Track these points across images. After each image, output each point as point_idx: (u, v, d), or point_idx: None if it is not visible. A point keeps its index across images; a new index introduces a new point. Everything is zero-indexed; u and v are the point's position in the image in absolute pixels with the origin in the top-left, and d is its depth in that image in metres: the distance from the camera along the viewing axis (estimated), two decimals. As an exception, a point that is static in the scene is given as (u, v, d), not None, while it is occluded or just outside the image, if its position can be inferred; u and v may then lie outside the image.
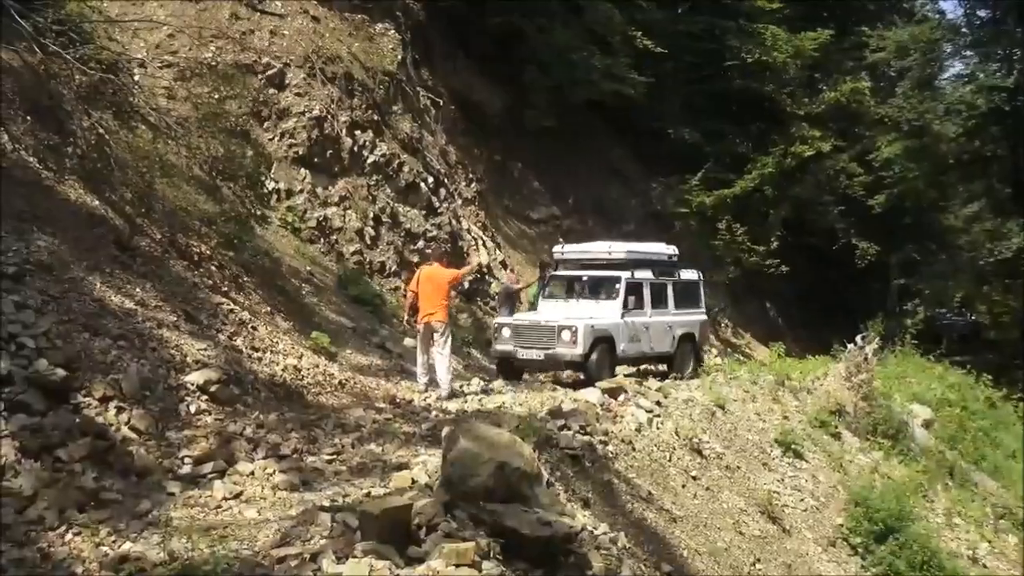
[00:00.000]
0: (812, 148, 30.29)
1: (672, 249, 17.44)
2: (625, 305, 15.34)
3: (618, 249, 16.40)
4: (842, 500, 13.71)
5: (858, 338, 18.09)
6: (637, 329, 15.52)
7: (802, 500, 13.13)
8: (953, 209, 39.71)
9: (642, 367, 16.51)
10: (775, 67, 30.67)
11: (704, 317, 17.89)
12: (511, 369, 15.33)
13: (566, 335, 14.38)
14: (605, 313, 15.23)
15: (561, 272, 16.77)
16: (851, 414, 16.62)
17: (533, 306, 17.05)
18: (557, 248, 17.36)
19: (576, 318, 14.75)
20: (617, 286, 15.56)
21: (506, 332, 15.11)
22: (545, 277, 17.16)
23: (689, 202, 28.53)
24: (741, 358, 24.37)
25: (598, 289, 15.97)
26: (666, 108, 29.63)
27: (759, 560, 10.99)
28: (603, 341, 14.69)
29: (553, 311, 15.62)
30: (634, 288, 15.66)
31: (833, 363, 18.52)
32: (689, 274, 17.44)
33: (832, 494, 13.82)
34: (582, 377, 14.67)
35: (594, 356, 14.43)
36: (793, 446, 14.13)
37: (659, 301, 16.24)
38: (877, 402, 17.20)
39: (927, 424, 18.54)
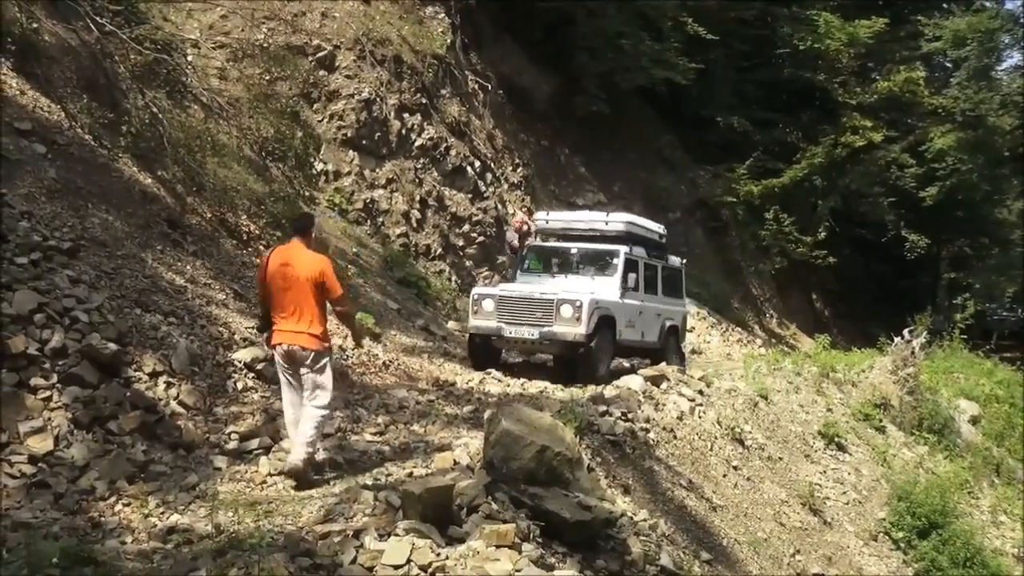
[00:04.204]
0: (863, 138, 29.85)
1: (662, 227, 15.57)
2: (624, 283, 13.43)
3: (616, 220, 14.29)
4: (885, 494, 13.59)
5: (905, 331, 17.89)
6: (632, 313, 13.59)
7: (844, 493, 13.03)
8: (1007, 203, 38.98)
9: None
10: (827, 55, 30.24)
11: (686, 310, 16.28)
12: (489, 351, 13.18)
13: (567, 310, 12.31)
14: (602, 290, 13.21)
15: (545, 243, 14.90)
16: (896, 408, 16.45)
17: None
18: (540, 215, 15.41)
19: (576, 291, 12.79)
20: (615, 261, 13.64)
21: (488, 304, 12.81)
22: (524, 247, 14.98)
23: (736, 191, 28.30)
24: (785, 349, 24.17)
25: (590, 264, 13.95)
26: (715, 95, 29.38)
27: (799, 551, 10.93)
28: (605, 322, 12.74)
29: (541, 285, 13.54)
30: (631, 266, 13.77)
31: (879, 356, 18.32)
32: (674, 260, 15.67)
33: (875, 488, 13.70)
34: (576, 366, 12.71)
35: (596, 339, 12.49)
36: (836, 438, 14.03)
37: (650, 285, 14.42)
38: (923, 396, 17.02)
39: (974, 420, 18.31)
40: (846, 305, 34.77)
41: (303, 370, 7.55)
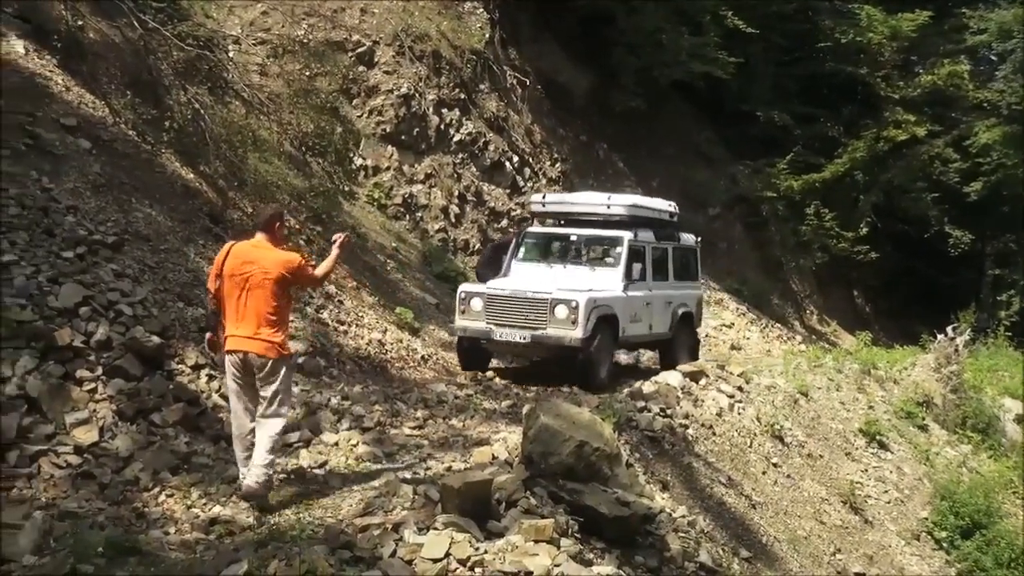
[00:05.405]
0: (906, 133, 29.42)
1: (672, 206, 14.44)
2: (627, 274, 12.39)
3: (619, 203, 13.12)
4: (927, 493, 13.42)
5: (949, 329, 17.62)
6: (638, 306, 12.59)
7: (886, 492, 12.89)
8: (1054, 198, 38.29)
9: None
10: (870, 49, 29.86)
11: (701, 292, 15.26)
12: (479, 354, 12.31)
13: (562, 311, 11.28)
14: (603, 284, 12.17)
15: (541, 229, 13.65)
16: (939, 406, 16.21)
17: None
18: (536, 198, 14.21)
19: (573, 289, 11.65)
20: (618, 249, 12.55)
21: (476, 304, 11.80)
22: (519, 234, 13.65)
23: (776, 186, 28.03)
24: (826, 345, 23.94)
25: (591, 253, 12.98)
26: (755, 90, 29.10)
27: (839, 550, 10.83)
28: (605, 321, 11.70)
29: (535, 279, 12.33)
30: (636, 254, 12.70)
31: (922, 353, 18.08)
32: (687, 239, 14.50)
33: (917, 487, 13.54)
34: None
35: (595, 342, 11.50)
36: (878, 436, 13.86)
37: (659, 271, 13.34)
38: (967, 395, 16.76)
39: (1019, 419, 17.98)
40: (888, 302, 34.34)
41: (259, 380, 6.83)
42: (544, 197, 14.07)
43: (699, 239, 15.07)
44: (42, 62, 10.84)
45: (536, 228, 13.68)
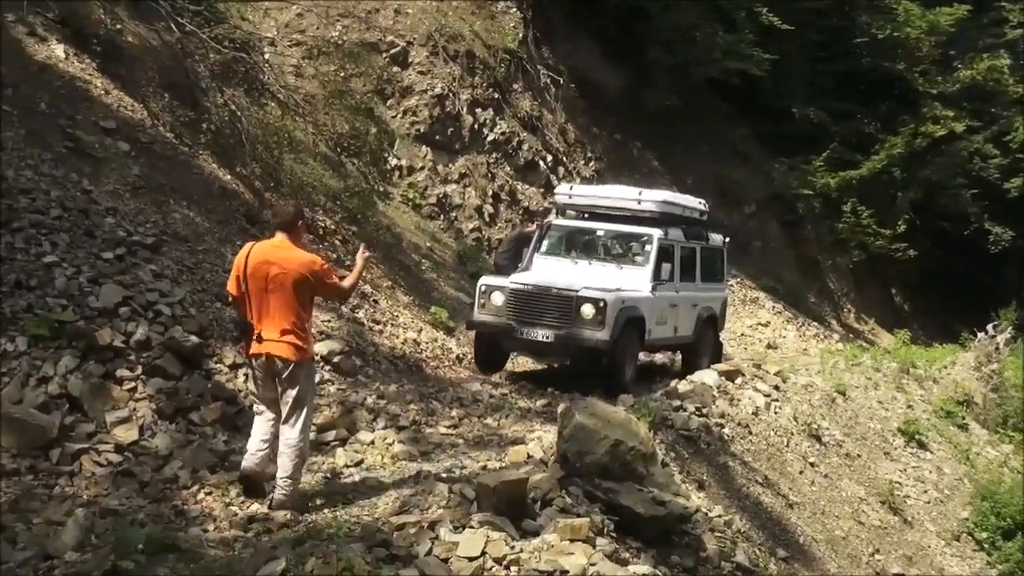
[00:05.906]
0: (944, 128, 29.02)
1: (703, 204, 13.83)
2: (656, 274, 11.82)
3: (650, 198, 12.47)
4: (968, 493, 13.27)
5: (989, 327, 17.41)
6: (664, 308, 12.08)
7: (925, 492, 12.75)
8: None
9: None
10: (907, 44, 29.49)
11: (726, 294, 14.68)
12: (497, 351, 11.76)
13: (588, 310, 10.72)
14: (630, 283, 11.60)
15: (566, 222, 13.00)
16: (980, 405, 16.03)
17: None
18: (562, 189, 13.49)
19: (600, 288, 11.06)
20: (648, 247, 11.98)
21: (497, 298, 11.17)
22: (544, 227, 13.01)
23: (812, 183, 27.77)
24: (864, 344, 23.71)
25: (619, 249, 12.41)
26: (791, 87, 28.86)
27: (878, 551, 10.74)
28: (632, 323, 11.16)
29: (559, 274, 11.75)
30: (666, 253, 12.12)
31: (962, 352, 17.87)
32: (716, 239, 13.91)
33: (957, 487, 13.39)
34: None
35: (621, 342, 10.94)
36: (917, 436, 13.73)
37: (687, 271, 12.77)
38: (1008, 394, 16.56)
39: (1062, 418, 17.75)
40: (927, 300, 33.95)
41: (279, 384, 6.66)
42: (571, 188, 13.42)
43: (727, 239, 14.59)
44: (81, 66, 10.99)
45: (561, 221, 13.10)
